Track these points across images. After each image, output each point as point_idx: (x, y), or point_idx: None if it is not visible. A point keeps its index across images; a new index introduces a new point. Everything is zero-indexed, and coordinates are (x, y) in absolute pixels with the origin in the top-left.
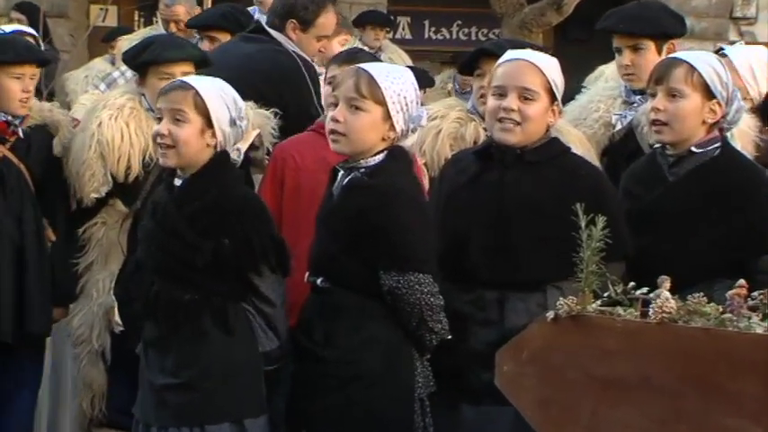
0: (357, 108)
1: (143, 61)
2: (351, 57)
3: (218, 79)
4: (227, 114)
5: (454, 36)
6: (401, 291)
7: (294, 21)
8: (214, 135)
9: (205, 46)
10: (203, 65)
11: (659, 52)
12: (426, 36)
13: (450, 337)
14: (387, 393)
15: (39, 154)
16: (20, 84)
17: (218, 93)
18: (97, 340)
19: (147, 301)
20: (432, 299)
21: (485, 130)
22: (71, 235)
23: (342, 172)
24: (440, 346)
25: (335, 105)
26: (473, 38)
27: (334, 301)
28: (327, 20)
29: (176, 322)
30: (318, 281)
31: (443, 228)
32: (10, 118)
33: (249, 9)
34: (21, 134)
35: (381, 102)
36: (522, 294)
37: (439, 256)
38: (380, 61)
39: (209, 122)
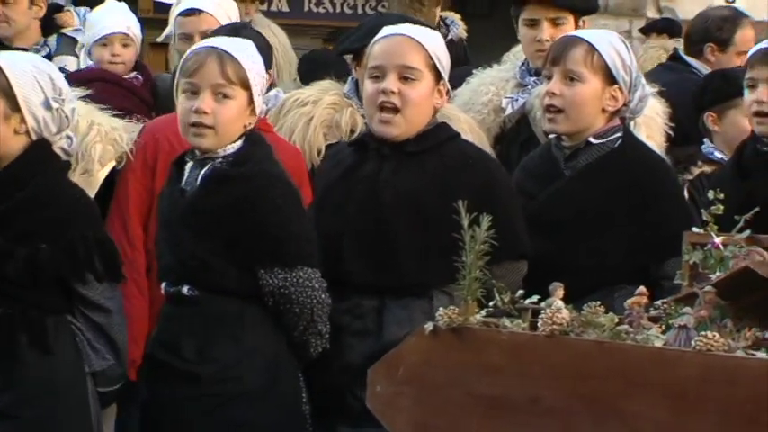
0: (225, 96)
1: None
2: (234, 33)
3: (31, 54)
4: (40, 95)
5: (338, 9)
6: (288, 290)
7: (712, 44)
8: (24, 120)
9: None
10: None
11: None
12: (306, 9)
13: (328, 345)
14: (274, 411)
15: None
16: None
17: (27, 70)
18: None
19: None
20: (323, 295)
21: (363, 117)
22: None
23: (191, 164)
24: (314, 361)
25: (193, 93)
26: (359, 11)
27: (207, 311)
28: (745, 34)
29: None
30: (184, 290)
31: (316, 228)
32: None
33: None
34: None
35: (247, 86)
36: (405, 301)
37: None
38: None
39: (15, 105)
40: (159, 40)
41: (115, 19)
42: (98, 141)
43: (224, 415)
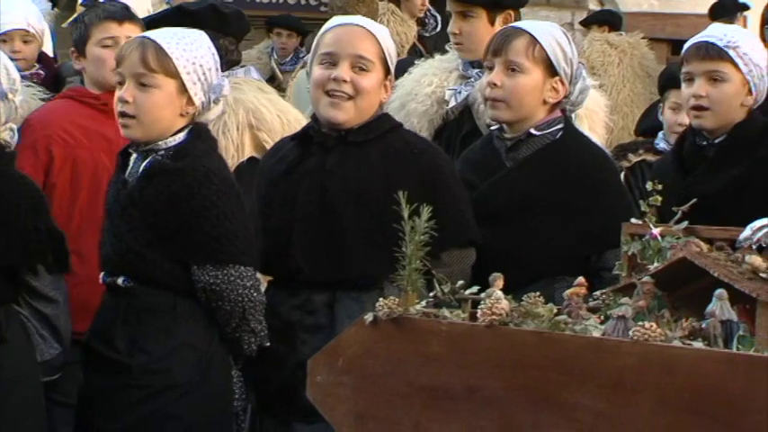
0: (146, 85)
1: None
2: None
3: None
4: None
5: None
6: (220, 287)
7: None
8: None
9: None
10: None
11: (491, 23)
12: None
13: (268, 343)
14: (203, 406)
15: None
16: None
17: None
18: None
19: None
20: (255, 294)
21: None
22: None
23: (135, 155)
24: (268, 358)
25: (121, 83)
26: (302, 1)
27: (140, 303)
28: None
29: None
30: (120, 281)
31: (264, 225)
32: None
33: None
34: None
35: (174, 74)
36: (356, 294)
37: (261, 256)
38: None
39: None
40: (64, 25)
41: (14, 14)
42: None
43: (151, 406)
